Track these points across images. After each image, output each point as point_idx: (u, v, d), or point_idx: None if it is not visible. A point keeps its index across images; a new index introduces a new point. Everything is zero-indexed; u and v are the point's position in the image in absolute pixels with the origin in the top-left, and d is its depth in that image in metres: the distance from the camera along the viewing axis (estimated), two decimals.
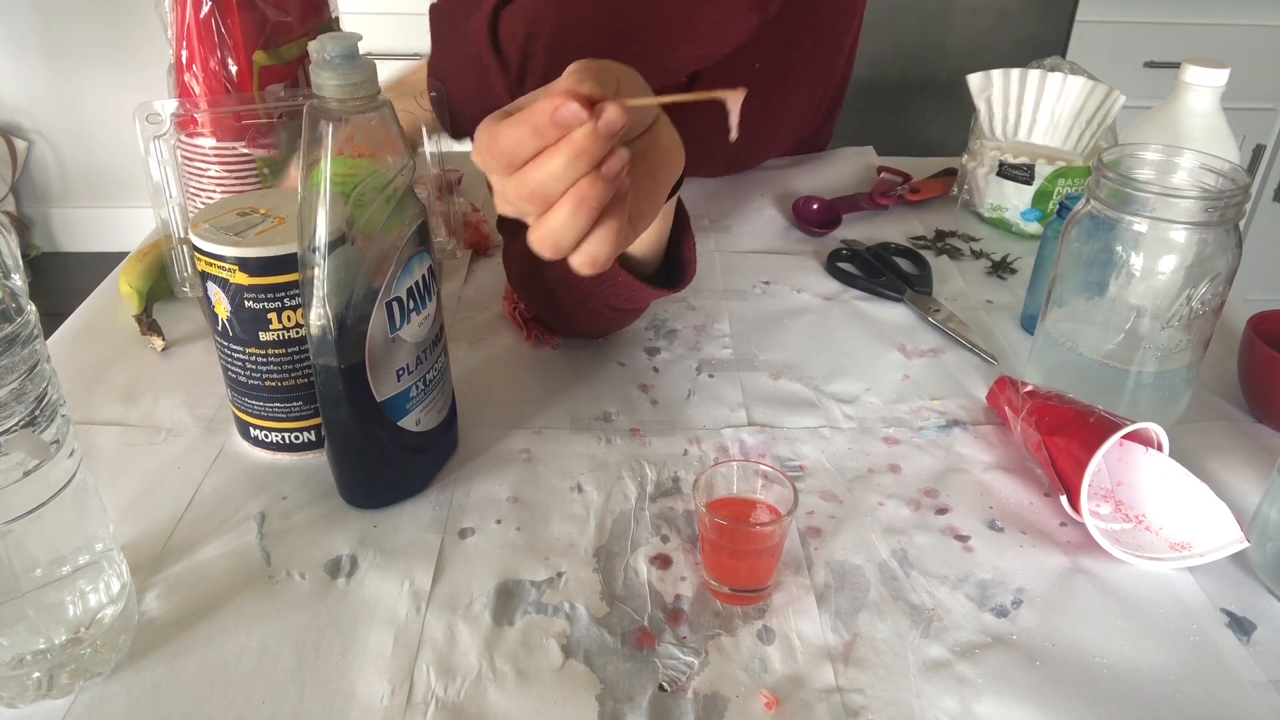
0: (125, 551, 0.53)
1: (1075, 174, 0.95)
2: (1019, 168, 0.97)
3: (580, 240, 0.45)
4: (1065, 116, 0.98)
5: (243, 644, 0.52)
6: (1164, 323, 0.65)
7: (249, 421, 0.64)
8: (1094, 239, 0.66)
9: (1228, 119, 0.80)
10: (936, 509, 0.62)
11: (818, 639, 0.53)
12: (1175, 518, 0.59)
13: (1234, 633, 0.54)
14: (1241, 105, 2.02)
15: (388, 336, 0.55)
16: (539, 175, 0.43)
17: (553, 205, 0.44)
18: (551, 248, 0.45)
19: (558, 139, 0.43)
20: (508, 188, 0.45)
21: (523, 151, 0.43)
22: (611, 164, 0.43)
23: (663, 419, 0.70)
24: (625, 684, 0.50)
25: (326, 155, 0.50)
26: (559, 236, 0.44)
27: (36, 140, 2.69)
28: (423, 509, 0.61)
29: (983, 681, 0.50)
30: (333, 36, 0.49)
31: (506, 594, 0.55)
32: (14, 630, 0.46)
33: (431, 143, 0.87)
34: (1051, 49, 2.01)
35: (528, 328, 0.79)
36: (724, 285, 0.88)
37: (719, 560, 0.55)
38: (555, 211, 0.44)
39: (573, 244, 0.45)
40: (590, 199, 0.43)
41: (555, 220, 0.44)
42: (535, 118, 0.42)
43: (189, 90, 0.77)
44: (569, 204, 0.43)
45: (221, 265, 0.58)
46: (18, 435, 0.43)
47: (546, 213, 0.44)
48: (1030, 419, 0.64)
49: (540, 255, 0.46)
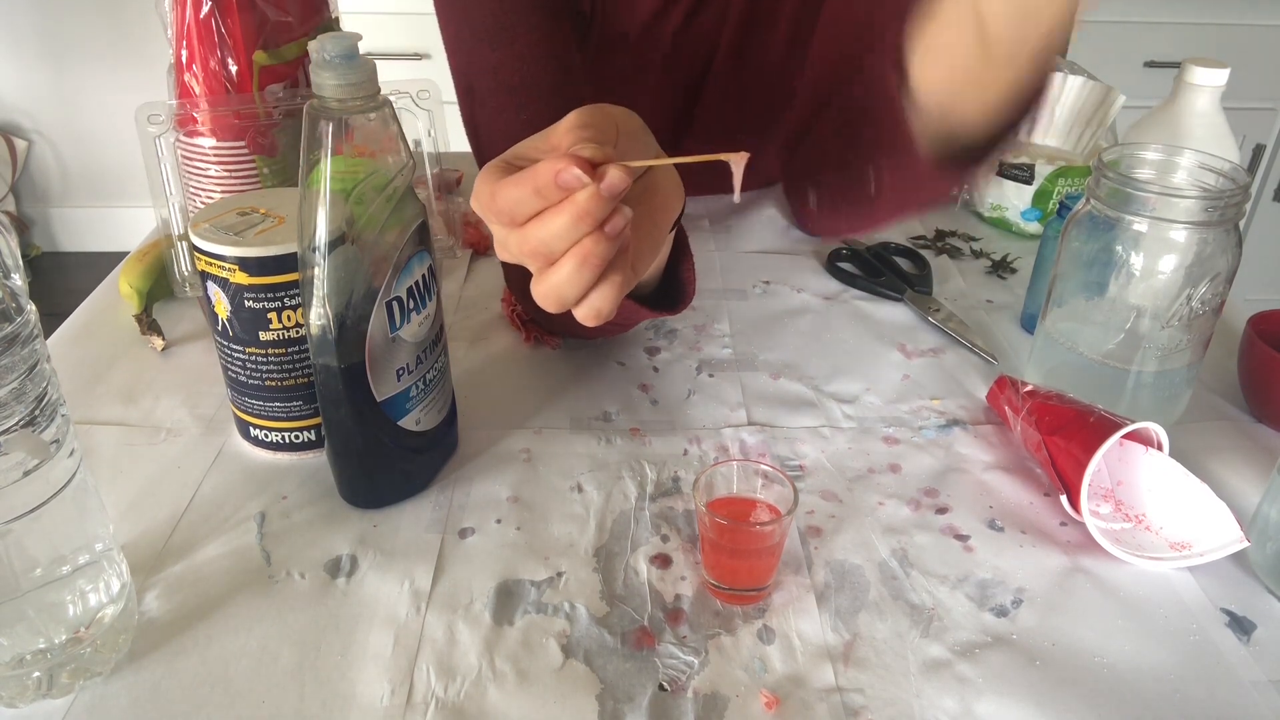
0: (125, 551, 0.53)
1: (1075, 174, 0.95)
2: (1019, 168, 0.97)
3: (584, 295, 0.45)
4: (1065, 116, 0.98)
5: (243, 644, 0.52)
6: (1164, 323, 0.65)
7: (249, 421, 0.64)
8: (1094, 239, 0.66)
9: (1228, 119, 0.80)
10: (936, 509, 0.62)
11: (818, 639, 0.53)
12: (1175, 518, 0.59)
13: (1234, 633, 0.54)
14: (1241, 105, 2.02)
15: (388, 336, 0.55)
16: (541, 234, 0.43)
17: (556, 262, 0.44)
18: (555, 303, 0.45)
19: (560, 199, 0.43)
20: (509, 241, 0.45)
21: (524, 210, 0.43)
22: (615, 223, 0.43)
23: (663, 419, 0.70)
24: (625, 684, 0.50)
25: (326, 155, 0.50)
26: (562, 293, 0.45)
27: (36, 140, 2.69)
28: (423, 509, 0.61)
29: (983, 681, 0.50)
30: (333, 36, 0.49)
31: (506, 594, 0.55)
32: (14, 630, 0.46)
33: (430, 142, 0.87)
34: None
35: (526, 329, 0.79)
36: (724, 285, 0.88)
37: (719, 560, 0.55)
38: (558, 269, 0.44)
39: (576, 299, 0.45)
40: (593, 257, 0.43)
41: (558, 277, 0.44)
42: (537, 179, 0.42)
43: (189, 90, 0.77)
44: (572, 262, 0.43)
45: (221, 265, 0.58)
46: (18, 435, 0.43)
47: (549, 269, 0.44)
48: (1030, 419, 0.64)
49: (543, 309, 0.46)
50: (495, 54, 0.69)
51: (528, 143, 0.47)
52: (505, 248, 0.46)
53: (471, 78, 0.71)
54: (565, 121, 0.45)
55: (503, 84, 0.70)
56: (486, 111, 0.71)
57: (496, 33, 0.69)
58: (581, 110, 0.46)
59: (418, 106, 0.85)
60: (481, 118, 0.72)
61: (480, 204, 0.45)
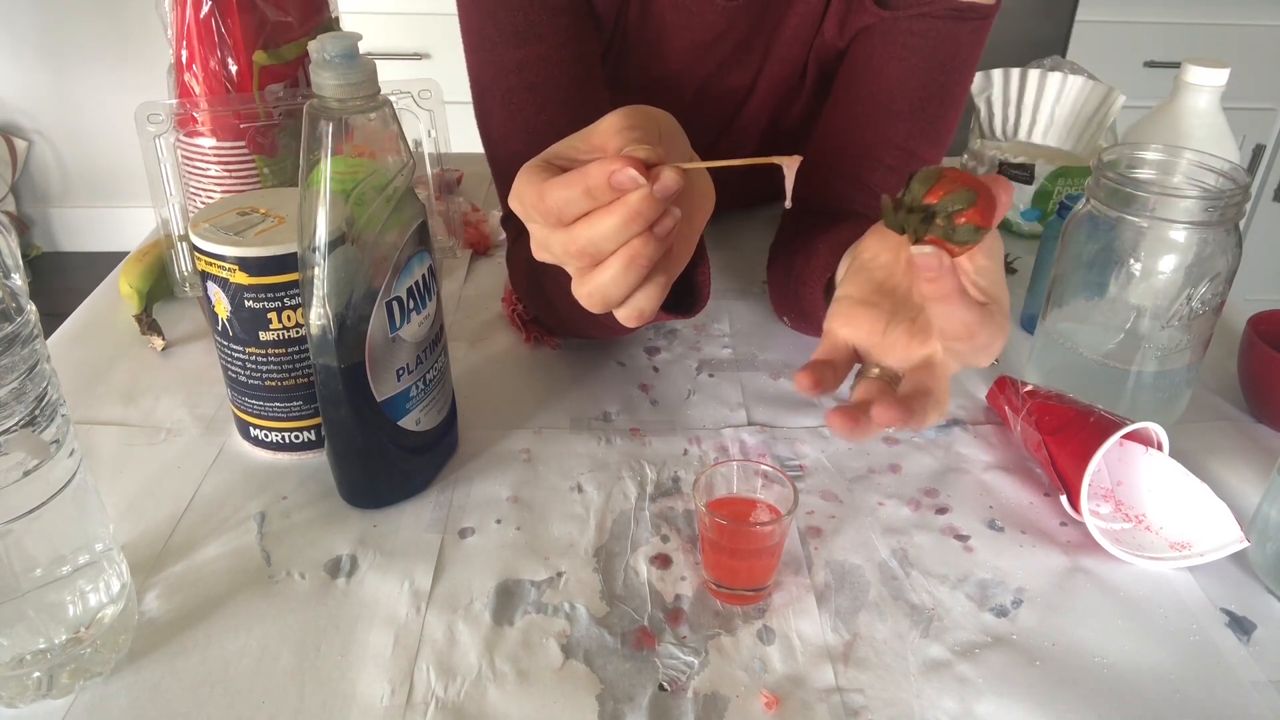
0: (125, 551, 0.53)
1: (1075, 174, 0.95)
2: (1019, 168, 0.97)
3: (629, 295, 0.45)
4: (1065, 116, 0.98)
5: (243, 644, 0.52)
6: (1164, 323, 0.65)
7: (249, 421, 0.64)
8: (1094, 239, 0.66)
9: (1228, 119, 0.80)
10: (936, 509, 0.62)
11: (818, 639, 0.53)
12: (1175, 518, 0.59)
13: (1234, 633, 0.54)
14: (1241, 105, 2.02)
15: (388, 336, 0.55)
16: (591, 234, 0.43)
17: (602, 262, 0.44)
18: (600, 303, 0.45)
19: (611, 200, 0.42)
20: (553, 242, 0.45)
21: (573, 210, 0.43)
22: (664, 224, 0.43)
23: (663, 419, 0.70)
24: (625, 684, 0.50)
25: (326, 155, 0.50)
26: (608, 293, 0.44)
27: (36, 140, 2.69)
28: (423, 509, 0.61)
29: (983, 681, 0.50)
30: (333, 36, 0.49)
31: (506, 594, 0.55)
32: (14, 630, 0.46)
33: (430, 142, 0.87)
34: (1051, 49, 2.01)
35: (526, 329, 0.79)
36: (724, 285, 0.88)
37: (719, 560, 0.55)
38: (605, 269, 0.43)
39: (621, 300, 0.45)
40: (642, 258, 0.43)
41: (605, 277, 0.44)
42: (589, 179, 0.41)
43: (189, 90, 0.77)
44: (620, 262, 0.43)
45: (221, 265, 0.58)
46: (18, 435, 0.43)
47: (595, 269, 0.44)
48: (1030, 419, 0.64)
49: (586, 309, 0.45)
50: (520, 51, 0.69)
51: (567, 142, 0.46)
52: (547, 248, 0.45)
53: (491, 75, 0.71)
54: (609, 122, 0.45)
55: (525, 82, 0.69)
56: (505, 109, 0.71)
57: (525, 30, 0.69)
58: (625, 111, 0.45)
59: (419, 106, 0.85)
60: (499, 116, 0.72)
61: (524, 203, 0.45)
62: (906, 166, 0.75)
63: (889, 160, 0.75)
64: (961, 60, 0.73)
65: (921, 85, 0.73)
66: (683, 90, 0.82)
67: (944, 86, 0.73)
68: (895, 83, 0.73)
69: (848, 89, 0.76)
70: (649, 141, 0.43)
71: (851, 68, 0.76)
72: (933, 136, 0.75)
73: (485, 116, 0.73)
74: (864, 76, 0.75)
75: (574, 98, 0.71)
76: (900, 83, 0.73)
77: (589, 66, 0.72)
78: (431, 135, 0.87)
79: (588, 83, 0.72)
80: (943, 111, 0.74)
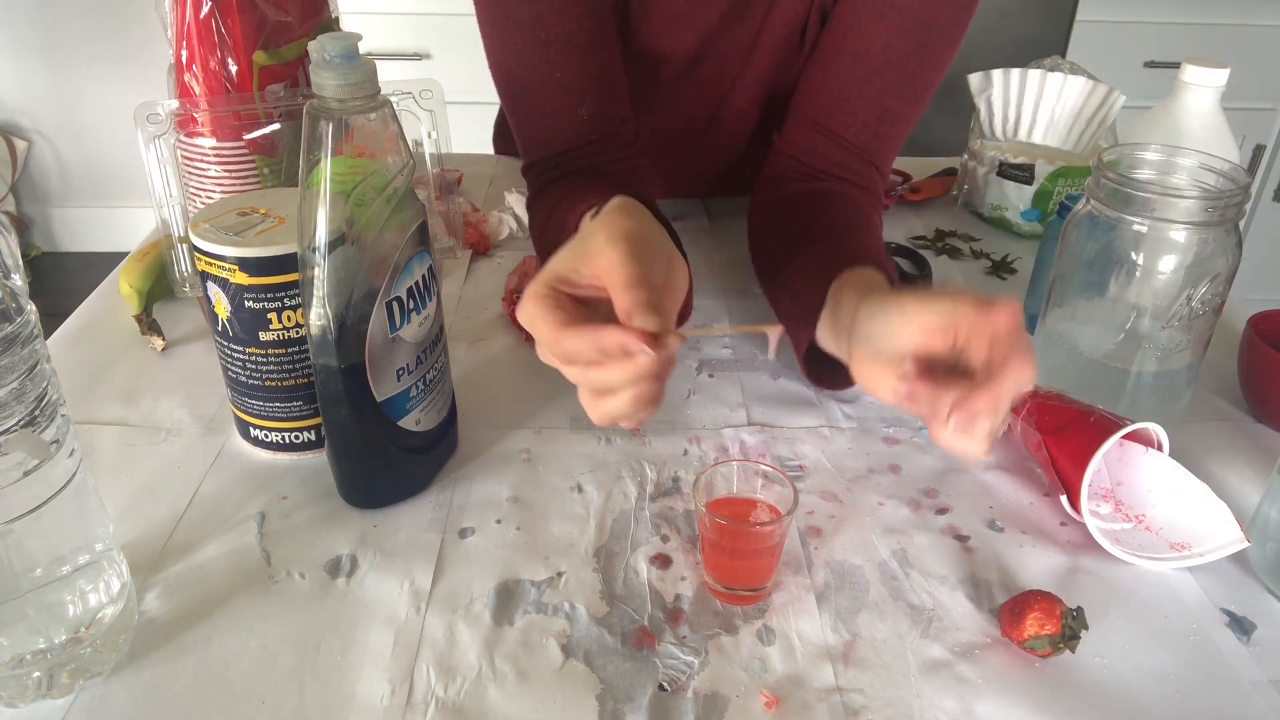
0: (125, 551, 0.53)
1: (1075, 174, 0.95)
2: (1019, 168, 0.97)
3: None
4: (1065, 116, 0.98)
5: (243, 644, 0.52)
6: (1164, 323, 0.65)
7: (249, 421, 0.64)
8: (1094, 239, 0.66)
9: (1228, 119, 0.80)
10: (936, 509, 0.62)
11: (818, 639, 0.53)
12: (1175, 518, 0.59)
13: (1234, 633, 0.54)
14: (1241, 105, 2.02)
15: (388, 336, 0.55)
16: (602, 379, 0.48)
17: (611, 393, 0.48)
18: (606, 422, 0.50)
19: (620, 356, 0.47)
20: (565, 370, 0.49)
21: (585, 358, 0.48)
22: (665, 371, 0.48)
23: (663, 419, 0.70)
24: (625, 684, 0.50)
25: (326, 155, 0.50)
26: (614, 417, 0.49)
27: (36, 140, 2.69)
28: (423, 509, 0.61)
29: (983, 681, 0.50)
30: (333, 36, 0.49)
31: (506, 594, 0.55)
32: (14, 630, 0.47)
33: (431, 142, 0.87)
34: (1051, 49, 2.01)
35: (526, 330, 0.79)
36: (724, 285, 0.88)
37: (719, 560, 0.55)
38: (613, 400, 0.48)
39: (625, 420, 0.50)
40: (646, 395, 0.48)
41: (612, 407, 0.49)
42: (603, 342, 0.46)
43: (189, 90, 0.77)
44: (628, 398, 0.48)
45: (221, 265, 0.58)
46: (18, 435, 0.43)
47: (604, 397, 0.49)
48: (1030, 419, 0.64)
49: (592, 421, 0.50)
50: (533, 6, 0.71)
51: (567, 262, 0.49)
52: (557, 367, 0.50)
53: (506, 29, 0.73)
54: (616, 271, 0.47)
55: (539, 39, 0.72)
56: (523, 67, 0.74)
57: None
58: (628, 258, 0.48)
59: (419, 106, 0.85)
60: (518, 74, 0.75)
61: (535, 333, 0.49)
62: (879, 123, 0.77)
63: (863, 116, 0.77)
64: (947, 20, 0.75)
65: (903, 44, 0.75)
66: (686, 47, 0.83)
67: (924, 46, 0.75)
68: (878, 41, 0.75)
69: (832, 43, 0.78)
70: (655, 302, 0.47)
71: (839, 23, 0.77)
72: (909, 94, 0.77)
73: (503, 74, 0.76)
74: (850, 34, 0.76)
75: (589, 58, 0.74)
76: (882, 41, 0.75)
77: (600, 20, 0.74)
78: (432, 135, 0.87)
79: (601, 48, 0.75)
80: (921, 69, 0.76)
